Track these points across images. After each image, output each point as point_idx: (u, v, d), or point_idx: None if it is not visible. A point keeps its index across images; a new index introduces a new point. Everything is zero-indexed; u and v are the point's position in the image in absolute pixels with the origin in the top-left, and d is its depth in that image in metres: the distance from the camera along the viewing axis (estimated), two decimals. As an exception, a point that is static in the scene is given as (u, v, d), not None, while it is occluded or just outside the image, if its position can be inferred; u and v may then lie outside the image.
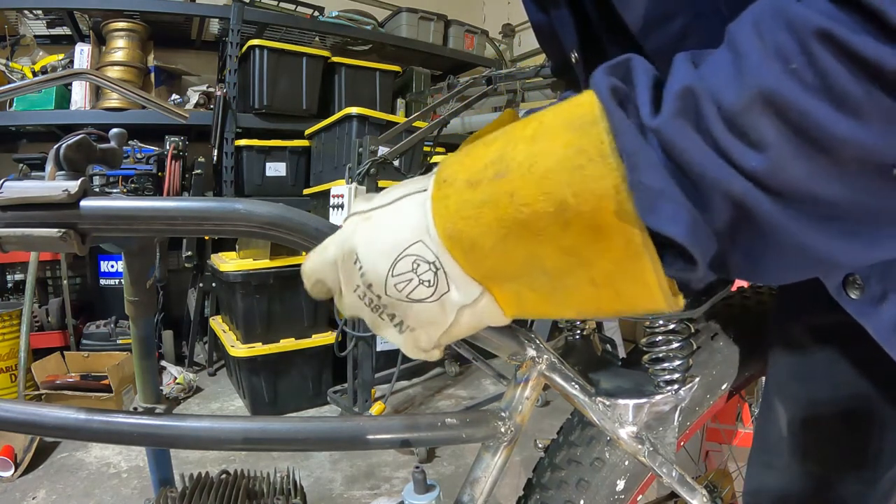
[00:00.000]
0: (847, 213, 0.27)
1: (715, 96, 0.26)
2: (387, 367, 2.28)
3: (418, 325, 0.35)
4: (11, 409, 0.44)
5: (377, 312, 0.35)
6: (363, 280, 0.34)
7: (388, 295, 0.34)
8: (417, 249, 0.33)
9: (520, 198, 0.29)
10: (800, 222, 0.27)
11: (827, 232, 0.27)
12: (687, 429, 0.64)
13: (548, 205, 0.28)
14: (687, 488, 0.54)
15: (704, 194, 0.27)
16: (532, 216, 0.29)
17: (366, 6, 3.56)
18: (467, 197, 0.31)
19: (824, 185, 0.26)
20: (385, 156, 1.82)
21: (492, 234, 0.30)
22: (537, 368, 0.51)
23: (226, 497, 0.74)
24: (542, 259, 0.30)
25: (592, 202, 0.27)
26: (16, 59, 2.71)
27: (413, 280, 0.33)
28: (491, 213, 0.30)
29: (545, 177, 0.28)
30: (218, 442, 0.45)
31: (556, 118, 0.29)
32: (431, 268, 0.33)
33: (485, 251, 0.31)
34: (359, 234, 0.35)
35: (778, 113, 0.25)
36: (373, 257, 0.34)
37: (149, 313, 0.69)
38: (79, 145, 0.46)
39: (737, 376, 0.66)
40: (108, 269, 2.67)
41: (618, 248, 0.28)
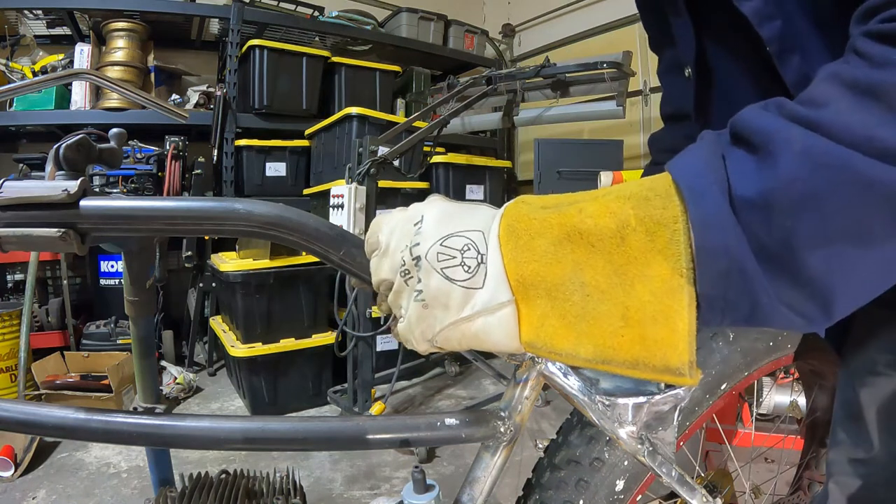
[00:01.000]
0: None
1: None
2: (387, 367, 2.28)
3: (434, 302, 0.36)
4: (11, 409, 0.44)
5: (405, 277, 0.37)
6: (415, 239, 0.37)
7: (426, 259, 0.36)
8: (474, 236, 0.35)
9: (584, 211, 0.32)
10: (864, 160, 0.28)
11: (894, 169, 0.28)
12: (687, 429, 0.64)
13: (611, 221, 0.31)
14: (687, 488, 0.54)
15: (774, 153, 0.29)
16: (593, 227, 0.32)
17: (366, 6, 3.56)
18: (539, 210, 0.34)
19: (880, 127, 0.28)
20: (385, 156, 1.82)
21: (550, 235, 0.33)
22: (537, 368, 0.51)
23: (225, 497, 0.74)
24: (586, 272, 0.32)
25: (651, 226, 0.30)
26: (16, 59, 2.71)
27: (456, 258, 0.35)
28: (556, 218, 0.33)
29: (613, 201, 0.32)
30: (218, 442, 0.45)
31: (630, 186, 0.33)
32: (477, 258, 0.35)
33: (536, 251, 0.33)
34: (431, 206, 0.38)
35: (840, 82, 0.30)
36: (434, 224, 0.37)
37: (149, 313, 0.69)
38: (79, 145, 0.46)
39: (737, 376, 0.66)
40: (108, 269, 2.67)
41: (661, 277, 0.30)
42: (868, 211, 0.28)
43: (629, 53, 2.20)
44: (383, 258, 0.39)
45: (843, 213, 0.28)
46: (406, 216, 0.39)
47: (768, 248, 0.29)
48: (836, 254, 0.29)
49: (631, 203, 0.31)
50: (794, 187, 0.29)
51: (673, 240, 0.30)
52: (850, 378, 0.59)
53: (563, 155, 2.82)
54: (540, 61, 2.33)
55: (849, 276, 0.30)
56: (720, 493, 0.95)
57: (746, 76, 0.54)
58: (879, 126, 0.28)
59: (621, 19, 3.25)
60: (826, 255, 0.29)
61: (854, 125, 0.29)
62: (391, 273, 0.39)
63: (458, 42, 3.69)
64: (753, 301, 0.30)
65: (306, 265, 2.29)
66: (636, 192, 0.31)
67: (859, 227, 0.29)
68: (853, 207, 0.28)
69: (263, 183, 2.91)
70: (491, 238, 0.35)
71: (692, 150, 0.33)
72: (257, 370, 2.22)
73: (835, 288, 0.30)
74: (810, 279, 0.30)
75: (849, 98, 0.29)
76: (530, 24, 4.06)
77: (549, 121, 2.60)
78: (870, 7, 0.32)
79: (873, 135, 0.28)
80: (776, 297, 0.30)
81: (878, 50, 0.30)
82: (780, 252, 0.29)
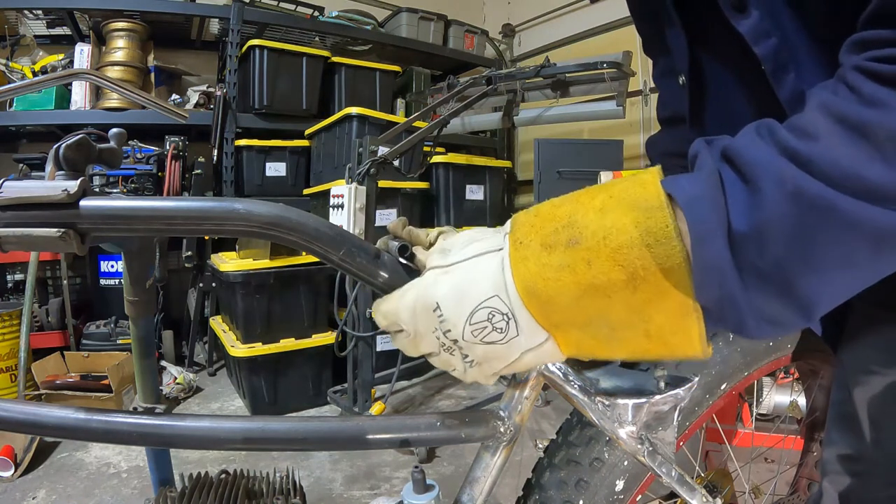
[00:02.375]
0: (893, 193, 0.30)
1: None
2: (387, 367, 2.28)
3: (485, 361, 0.40)
4: (11, 409, 0.44)
5: (449, 351, 0.40)
6: (443, 326, 0.39)
7: (464, 339, 0.39)
8: (493, 303, 0.37)
9: (597, 267, 0.34)
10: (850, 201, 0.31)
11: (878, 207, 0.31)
12: (686, 429, 0.64)
13: (622, 274, 0.33)
14: (686, 488, 0.54)
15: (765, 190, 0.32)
16: (607, 282, 0.34)
17: (366, 6, 3.56)
18: (545, 260, 0.36)
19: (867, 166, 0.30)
20: (385, 156, 1.82)
21: (569, 294, 0.35)
22: (537, 368, 0.51)
23: (225, 497, 0.74)
24: (608, 314, 0.35)
25: (659, 275, 0.33)
26: (16, 59, 2.71)
27: (487, 327, 0.38)
28: (570, 277, 0.35)
29: (619, 250, 0.33)
30: (218, 442, 0.45)
31: (623, 195, 0.35)
32: (504, 318, 0.37)
33: (560, 307, 0.36)
34: (440, 287, 0.39)
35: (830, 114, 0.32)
36: (453, 308, 0.38)
37: (149, 313, 0.69)
38: (78, 145, 0.46)
39: (737, 376, 0.66)
40: (108, 269, 2.67)
41: (673, 307, 0.34)
42: (853, 246, 0.32)
43: (629, 53, 2.20)
44: (419, 340, 0.41)
45: (830, 247, 0.32)
46: (422, 304, 0.40)
47: (762, 270, 0.33)
48: (823, 277, 0.33)
49: (635, 253, 0.33)
50: (785, 222, 0.31)
51: (680, 283, 0.33)
52: (843, 377, 0.60)
53: (563, 155, 2.82)
54: (540, 61, 2.33)
55: (833, 292, 0.34)
56: (720, 493, 0.95)
57: (740, 85, 0.55)
58: (866, 164, 0.31)
59: (621, 19, 3.25)
60: (814, 278, 0.33)
61: (843, 162, 0.31)
62: (432, 348, 0.41)
63: (458, 42, 3.69)
64: (740, 321, 0.34)
65: (306, 265, 2.29)
66: (636, 240, 0.33)
67: (844, 258, 0.32)
68: (839, 244, 0.32)
69: (263, 183, 2.90)
70: (507, 298, 0.37)
71: (695, 182, 0.34)
72: (257, 370, 2.22)
73: (820, 301, 0.34)
74: (798, 297, 0.33)
75: (839, 134, 0.31)
76: (530, 24, 4.05)
77: (549, 121, 2.60)
78: (864, 39, 0.34)
79: (860, 173, 0.31)
80: (761, 317, 0.34)
81: (868, 88, 0.32)
82: (772, 273, 0.32)
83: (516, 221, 0.39)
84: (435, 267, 0.40)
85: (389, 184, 2.40)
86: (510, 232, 0.39)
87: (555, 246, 0.36)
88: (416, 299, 0.40)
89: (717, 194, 0.33)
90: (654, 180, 0.35)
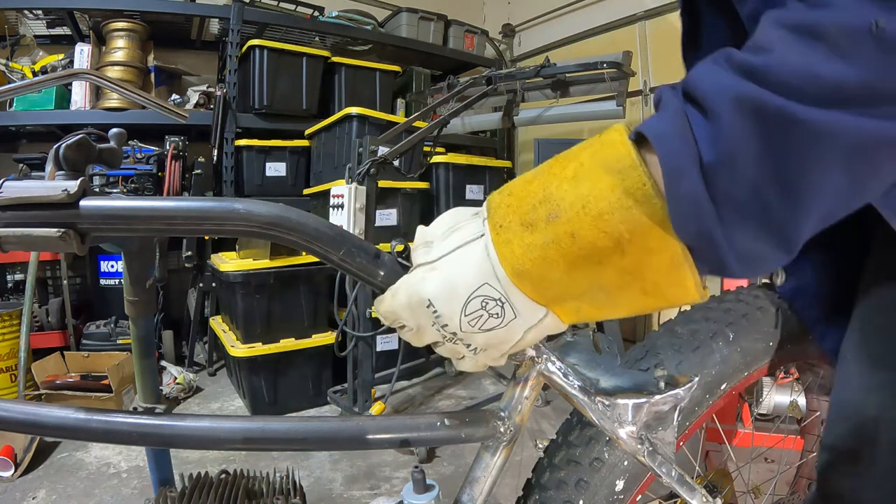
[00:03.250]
0: (855, 92, 0.29)
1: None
2: (387, 367, 2.28)
3: (489, 346, 0.41)
4: (11, 409, 0.44)
5: (452, 341, 0.41)
6: (439, 321, 0.40)
7: (462, 331, 0.39)
8: (484, 290, 0.38)
9: (581, 238, 0.34)
10: (813, 111, 0.29)
11: (844, 114, 0.29)
12: (686, 429, 0.64)
13: (607, 241, 0.33)
14: (686, 488, 0.54)
15: (719, 114, 0.31)
16: (594, 251, 0.34)
17: (366, 6, 3.56)
18: (529, 240, 0.35)
19: (824, 66, 0.29)
20: (385, 156, 1.82)
21: (558, 268, 0.35)
22: (537, 368, 0.51)
23: (225, 497, 0.74)
24: (601, 280, 0.35)
25: (643, 233, 0.33)
26: (16, 59, 2.71)
27: (483, 315, 0.38)
28: (556, 252, 0.35)
29: (600, 217, 0.33)
30: (218, 442, 0.45)
31: (593, 159, 0.34)
32: (498, 303, 0.38)
33: (552, 282, 0.36)
34: (429, 284, 0.39)
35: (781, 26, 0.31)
36: (445, 303, 0.39)
37: (149, 313, 0.69)
38: (78, 145, 0.46)
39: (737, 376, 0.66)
40: (108, 269, 2.67)
41: (664, 262, 0.34)
42: (825, 161, 0.30)
43: (629, 53, 2.20)
44: (422, 333, 0.42)
45: (800, 165, 0.30)
46: (415, 301, 0.40)
47: (737, 199, 0.31)
48: (799, 201, 0.31)
49: (617, 217, 0.33)
50: (750, 144, 0.30)
51: (666, 237, 0.33)
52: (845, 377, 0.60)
53: (563, 155, 2.81)
54: (540, 61, 2.33)
55: (812, 218, 0.32)
56: (720, 493, 0.95)
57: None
58: (823, 64, 0.29)
59: (621, 19, 3.24)
60: (790, 202, 0.31)
61: (799, 67, 0.30)
62: (433, 340, 0.42)
63: (458, 42, 3.69)
64: (720, 259, 0.33)
65: (306, 265, 2.29)
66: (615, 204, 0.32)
67: (818, 176, 0.31)
68: (809, 159, 0.30)
69: (263, 183, 2.90)
70: (498, 283, 0.37)
71: (662, 120, 0.34)
72: (257, 370, 2.22)
73: (799, 228, 0.32)
74: (777, 224, 0.32)
75: (791, 40, 0.30)
76: (530, 24, 4.05)
77: (549, 121, 2.60)
78: None
79: (819, 73, 0.29)
80: (741, 252, 0.33)
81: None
82: (748, 201, 0.31)
83: (492, 204, 0.39)
84: (421, 264, 0.40)
85: (389, 184, 2.40)
86: (488, 217, 0.38)
87: (535, 223, 0.35)
88: (409, 297, 0.40)
89: (684, 129, 0.32)
90: (623, 138, 0.34)
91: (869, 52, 0.28)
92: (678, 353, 0.65)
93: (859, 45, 0.29)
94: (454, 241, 0.39)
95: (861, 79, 0.29)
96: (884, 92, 0.29)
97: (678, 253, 0.33)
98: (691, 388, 0.49)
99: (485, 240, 0.38)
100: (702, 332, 0.66)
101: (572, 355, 0.54)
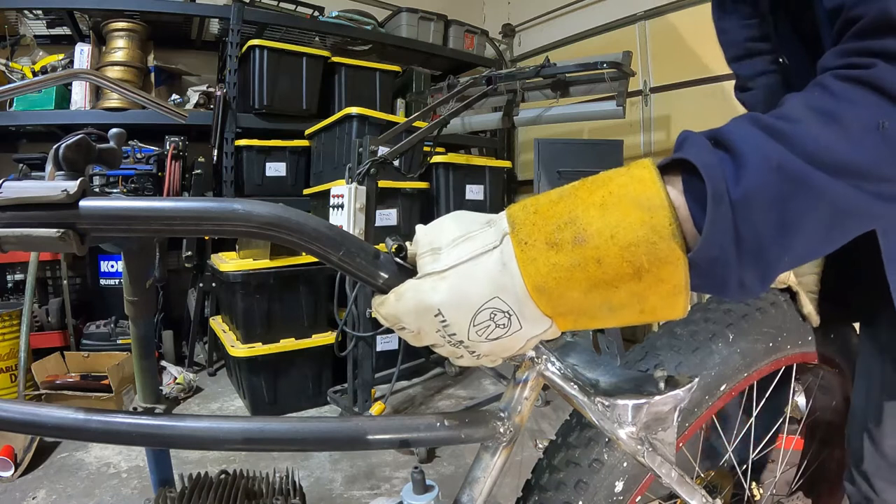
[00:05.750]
0: (857, 170, 0.37)
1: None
2: (387, 367, 2.28)
3: (491, 353, 0.42)
4: (11, 409, 0.44)
5: (455, 346, 0.42)
6: (446, 330, 0.41)
7: (469, 339, 0.41)
8: (494, 303, 0.39)
9: (607, 265, 0.37)
10: (822, 175, 0.36)
11: (845, 185, 0.37)
12: (686, 429, 0.64)
13: (629, 269, 0.37)
14: (686, 489, 0.54)
15: (748, 160, 0.36)
16: (615, 276, 0.37)
17: (366, 6, 3.56)
18: (554, 260, 0.38)
19: (837, 143, 0.37)
20: (385, 156, 1.82)
21: (579, 289, 0.38)
22: (536, 369, 0.51)
23: (225, 497, 0.74)
24: (612, 300, 0.38)
25: (660, 265, 0.36)
26: (16, 59, 2.71)
27: (490, 326, 0.40)
28: (581, 275, 0.37)
29: (627, 248, 0.36)
30: (218, 442, 0.45)
31: (623, 191, 0.37)
32: (506, 315, 0.39)
33: (569, 299, 0.38)
34: (439, 294, 0.40)
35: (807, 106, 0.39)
36: (455, 314, 0.40)
37: (149, 313, 0.69)
38: (78, 145, 0.46)
39: (736, 377, 0.66)
40: (108, 269, 2.67)
41: (667, 290, 0.37)
42: (816, 216, 0.37)
43: (629, 53, 2.20)
44: (422, 336, 0.43)
45: (798, 215, 0.37)
46: (423, 308, 0.40)
47: (744, 240, 0.36)
48: (786, 244, 0.38)
49: (642, 250, 0.36)
50: (767, 191, 0.36)
51: (676, 272, 0.37)
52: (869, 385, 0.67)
53: (563, 155, 2.81)
54: (540, 61, 2.33)
55: (788, 259, 0.39)
56: (720, 493, 0.95)
57: None
58: (837, 143, 0.37)
59: (621, 19, 3.24)
60: (779, 245, 0.37)
61: (820, 140, 0.37)
62: (436, 341, 0.43)
63: (458, 42, 3.69)
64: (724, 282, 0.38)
65: (306, 265, 2.29)
66: (643, 238, 0.36)
67: (808, 227, 0.37)
68: (806, 212, 0.37)
69: (263, 183, 2.90)
70: (516, 297, 0.39)
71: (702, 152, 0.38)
72: (257, 370, 2.22)
73: (777, 268, 0.39)
74: (765, 261, 0.38)
75: (816, 120, 0.38)
76: (530, 24, 4.05)
77: (549, 121, 2.60)
78: (838, 50, 0.41)
79: (833, 148, 0.37)
80: (740, 279, 0.38)
81: (839, 87, 0.38)
82: (749, 238, 0.36)
83: (516, 219, 0.40)
84: (430, 273, 0.40)
85: (389, 184, 2.40)
86: (512, 232, 0.39)
87: (561, 245, 0.38)
88: (417, 304, 0.40)
89: (722, 163, 0.37)
90: (652, 176, 0.37)
91: (874, 143, 0.37)
92: (678, 354, 0.65)
93: (867, 137, 0.37)
94: (466, 251, 0.40)
95: (863, 161, 0.37)
96: (878, 175, 0.37)
97: (682, 283, 0.37)
98: (691, 389, 0.49)
99: (500, 253, 0.39)
100: (701, 334, 0.66)
101: (572, 356, 0.54)
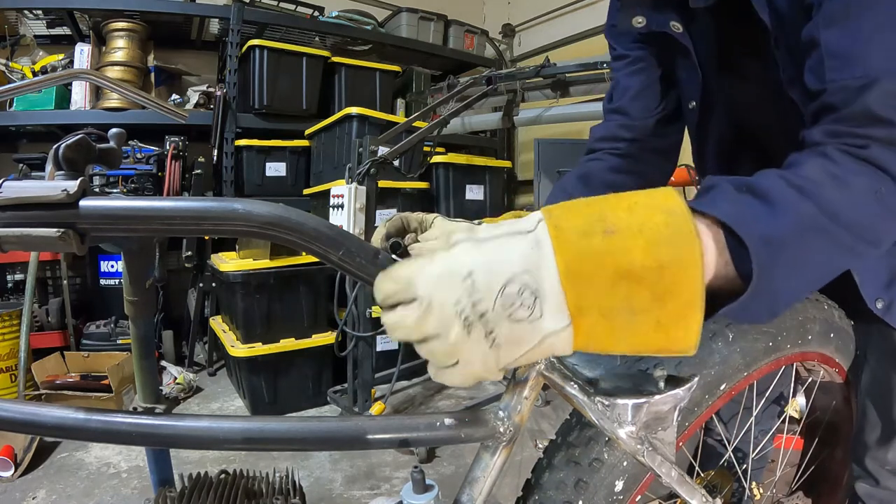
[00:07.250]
0: (860, 227, 0.46)
1: None
2: (387, 367, 2.28)
3: (507, 341, 0.40)
4: (11, 409, 0.44)
5: (468, 327, 0.39)
6: (473, 296, 0.38)
7: (493, 311, 0.39)
8: (525, 278, 0.39)
9: (634, 254, 0.39)
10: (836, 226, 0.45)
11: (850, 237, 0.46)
12: (686, 429, 0.64)
13: (653, 263, 0.39)
14: (686, 488, 0.54)
15: (781, 208, 0.44)
16: (640, 269, 0.39)
17: (366, 6, 3.56)
18: (585, 244, 0.39)
19: (847, 206, 0.45)
20: (385, 156, 1.82)
21: (606, 276, 0.39)
22: (536, 368, 0.51)
23: (225, 497, 0.74)
24: (633, 299, 0.39)
25: (679, 265, 0.39)
26: (16, 59, 2.71)
27: (516, 302, 0.39)
28: (610, 260, 0.39)
29: (652, 242, 0.39)
30: (218, 442, 0.45)
31: (650, 201, 0.41)
32: (533, 295, 0.39)
33: (595, 288, 0.39)
34: (473, 256, 0.39)
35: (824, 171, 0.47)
36: (486, 277, 0.39)
37: (148, 313, 0.69)
38: (78, 145, 0.46)
39: (736, 377, 0.66)
40: (108, 269, 2.67)
41: (685, 297, 0.39)
42: (825, 258, 0.46)
43: (629, 53, 2.20)
44: (427, 314, 0.38)
45: (810, 260, 0.45)
46: (448, 270, 0.39)
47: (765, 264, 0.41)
48: (798, 277, 0.45)
49: (666, 248, 0.39)
50: (789, 233, 0.43)
51: (694, 278, 0.39)
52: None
53: (563, 155, 2.81)
54: (540, 61, 2.33)
55: (787, 298, 0.45)
56: (720, 493, 0.95)
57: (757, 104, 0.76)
58: (848, 203, 0.45)
59: (621, 19, 3.24)
60: (789, 285, 0.44)
61: (836, 202, 0.45)
62: (439, 328, 0.39)
63: (458, 42, 3.69)
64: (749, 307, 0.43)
65: (306, 265, 2.29)
66: (666, 236, 0.39)
67: (812, 270, 0.46)
68: (816, 252, 0.45)
69: (263, 183, 2.90)
70: (546, 276, 0.39)
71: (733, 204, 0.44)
72: (257, 370, 2.22)
73: (782, 305, 0.45)
74: (776, 296, 0.44)
75: (831, 183, 0.46)
76: (530, 24, 4.05)
77: (549, 121, 2.60)
78: (836, 131, 0.49)
79: (842, 208, 0.45)
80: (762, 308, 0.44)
81: (842, 159, 0.47)
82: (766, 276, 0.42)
83: (551, 211, 0.41)
84: (466, 239, 0.40)
85: (389, 184, 2.40)
86: (546, 219, 0.41)
87: (592, 234, 0.39)
88: (447, 266, 0.39)
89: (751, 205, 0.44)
90: (675, 195, 0.41)
91: (872, 206, 0.46)
92: (678, 354, 0.65)
93: (870, 200, 0.45)
94: (503, 230, 0.41)
95: (865, 219, 0.46)
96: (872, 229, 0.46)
97: (699, 293, 0.39)
98: (691, 388, 0.49)
99: (536, 235, 0.40)
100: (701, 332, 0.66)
101: (572, 355, 0.54)
